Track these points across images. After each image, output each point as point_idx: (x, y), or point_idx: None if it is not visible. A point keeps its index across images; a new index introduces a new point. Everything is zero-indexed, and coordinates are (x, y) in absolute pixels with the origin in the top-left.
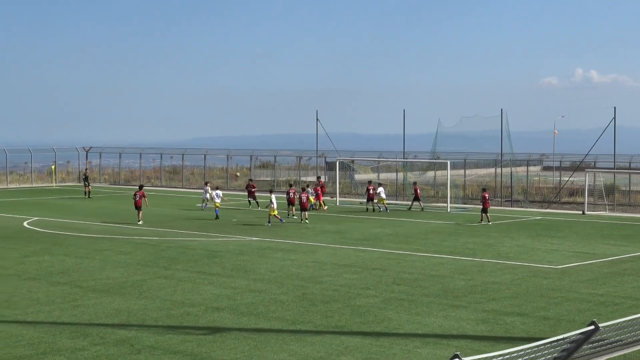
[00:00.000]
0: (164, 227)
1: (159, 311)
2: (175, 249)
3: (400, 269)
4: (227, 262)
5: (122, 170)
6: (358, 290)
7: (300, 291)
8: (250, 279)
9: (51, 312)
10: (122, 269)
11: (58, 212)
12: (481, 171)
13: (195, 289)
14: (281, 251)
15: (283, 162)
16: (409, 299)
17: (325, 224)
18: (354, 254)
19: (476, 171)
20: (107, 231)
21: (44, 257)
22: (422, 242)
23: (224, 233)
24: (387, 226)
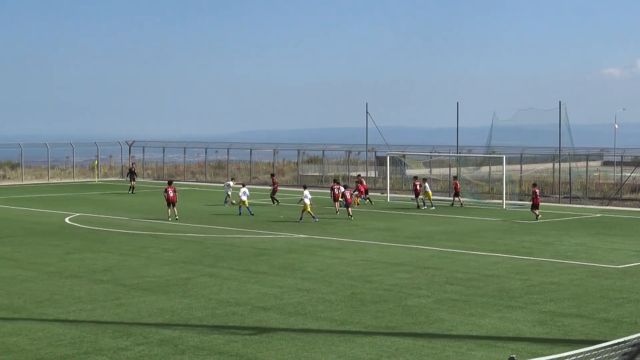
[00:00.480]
0: (209, 224)
1: (204, 310)
2: (220, 247)
3: (453, 268)
4: (274, 260)
5: (165, 165)
6: (410, 290)
7: (350, 290)
8: (297, 278)
9: (93, 311)
10: (166, 267)
11: (100, 208)
12: (538, 166)
13: (241, 287)
14: (330, 249)
15: (332, 157)
16: (462, 300)
17: (375, 221)
18: (406, 252)
19: (533, 166)
20: (151, 228)
21: (86, 254)
22: (476, 240)
23: (271, 230)
24: (440, 223)
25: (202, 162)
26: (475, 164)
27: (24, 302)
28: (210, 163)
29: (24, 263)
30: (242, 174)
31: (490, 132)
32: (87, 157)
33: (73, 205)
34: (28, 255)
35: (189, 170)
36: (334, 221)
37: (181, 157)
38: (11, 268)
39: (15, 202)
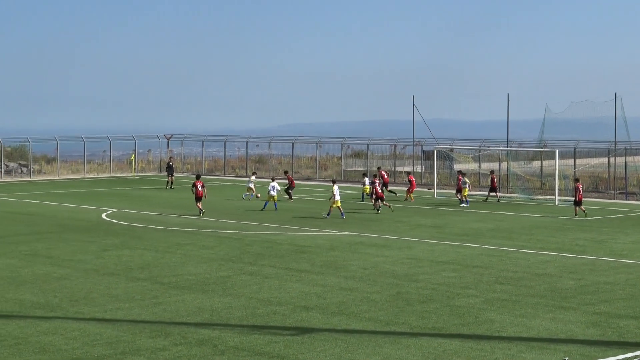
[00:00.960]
0: (249, 220)
1: (244, 310)
2: (260, 244)
3: (503, 267)
4: (316, 258)
5: (205, 159)
6: (457, 289)
7: (395, 290)
8: (340, 276)
9: (131, 310)
10: (204, 265)
11: (138, 204)
12: (593, 161)
13: (283, 286)
14: (374, 247)
15: (376, 151)
16: (512, 300)
17: (421, 218)
18: (453, 250)
19: (587, 161)
20: (189, 224)
21: (123, 252)
22: (526, 238)
23: (313, 227)
24: (489, 220)
25: (242, 156)
26: (526, 159)
27: (59, 300)
28: (251, 157)
29: (60, 260)
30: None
31: (542, 125)
32: (124, 151)
33: (110, 201)
34: (64, 252)
35: (228, 164)
36: (377, 217)
37: (221, 151)
38: (46, 265)
39: (50, 198)
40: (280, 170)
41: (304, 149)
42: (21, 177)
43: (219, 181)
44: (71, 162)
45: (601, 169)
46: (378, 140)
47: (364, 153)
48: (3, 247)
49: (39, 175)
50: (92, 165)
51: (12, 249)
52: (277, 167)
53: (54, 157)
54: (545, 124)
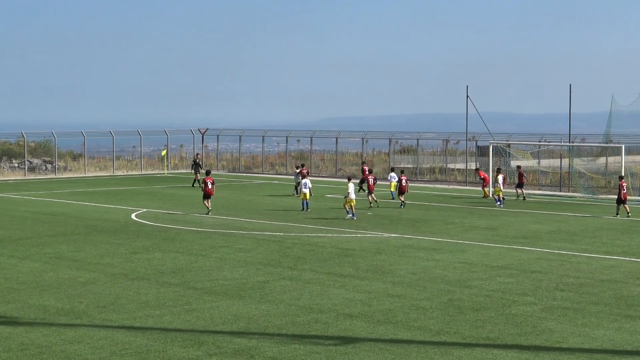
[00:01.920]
0: (289, 221)
1: (283, 317)
2: (301, 247)
3: (563, 272)
4: (361, 262)
5: (242, 155)
6: (514, 296)
7: (446, 297)
8: (388, 282)
9: (162, 317)
10: (241, 269)
11: (170, 203)
12: None
13: (325, 292)
14: (424, 250)
15: (427, 147)
16: (574, 308)
17: (475, 219)
18: (509, 254)
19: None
20: (225, 225)
21: (154, 254)
22: (589, 241)
23: (358, 229)
24: (548, 222)
25: (282, 152)
26: (590, 155)
27: (85, 306)
28: (292, 153)
29: (86, 264)
30: (326, 165)
31: (608, 118)
32: (155, 147)
33: (140, 200)
34: (90, 255)
35: (267, 161)
36: (427, 218)
37: (259, 147)
38: (72, 269)
39: (76, 197)
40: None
41: (348, 145)
42: (46, 174)
43: (257, 179)
44: (99, 158)
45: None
46: (428, 135)
47: (414, 149)
48: (26, 250)
49: (64, 172)
50: (121, 161)
51: (36, 251)
52: (320, 164)
53: (81, 153)
54: (611, 117)
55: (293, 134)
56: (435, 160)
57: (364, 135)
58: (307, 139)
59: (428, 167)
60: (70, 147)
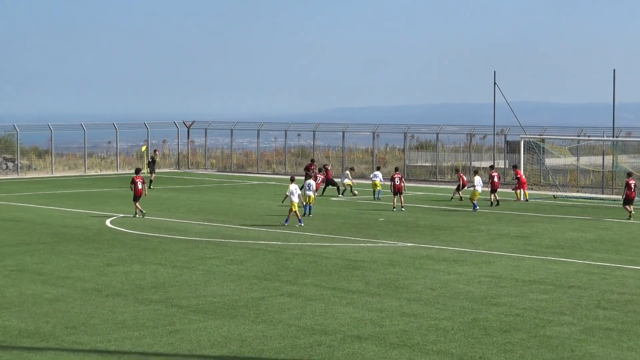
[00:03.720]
0: (288, 229)
1: (282, 340)
2: (302, 258)
3: (606, 288)
4: (371, 275)
5: (234, 151)
6: (549, 315)
7: (470, 316)
8: (402, 299)
9: (140, 339)
10: (233, 284)
11: (150, 208)
12: None
13: (330, 310)
14: (444, 261)
15: (448, 142)
16: (618, 329)
17: (504, 226)
18: (543, 266)
19: None
20: (214, 233)
21: (132, 267)
22: (637, 251)
23: (368, 237)
24: (589, 229)
25: (280, 148)
26: (637, 151)
27: (52, 327)
28: (291, 150)
29: (53, 278)
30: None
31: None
32: (134, 143)
33: (115, 204)
34: (58, 267)
35: (263, 158)
36: (449, 225)
37: (254, 142)
38: (37, 284)
39: (42, 200)
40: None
41: (357, 140)
42: (6, 174)
43: (252, 179)
44: (68, 155)
45: None
46: (450, 128)
47: (433, 144)
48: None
49: (28, 172)
50: (94, 159)
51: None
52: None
53: (47, 149)
54: None
55: (293, 127)
56: (457, 157)
57: (375, 129)
58: (310, 133)
59: (449, 165)
60: (35, 143)
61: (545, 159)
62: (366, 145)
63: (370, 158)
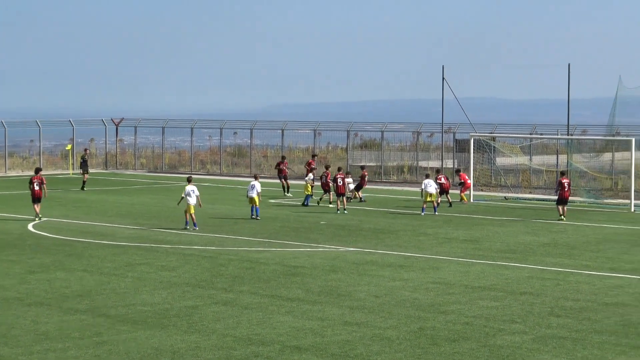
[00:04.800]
0: (223, 233)
1: (216, 351)
2: (239, 264)
3: (560, 294)
4: (312, 282)
5: (165, 151)
6: (499, 323)
7: (417, 324)
8: (345, 307)
9: (65, 351)
10: (164, 292)
11: (76, 211)
12: None
13: (268, 320)
14: (389, 267)
15: (394, 140)
16: (572, 337)
17: (452, 229)
18: (494, 271)
19: None
20: (144, 238)
21: (56, 274)
22: (592, 256)
23: (308, 241)
24: (542, 232)
25: (215, 147)
26: (592, 150)
27: None
28: (227, 149)
29: None
30: (270, 163)
31: (614, 105)
32: (58, 141)
33: None
34: None
35: (197, 158)
36: (394, 229)
37: (187, 141)
38: None
39: None
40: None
41: (297, 138)
42: None
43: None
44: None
45: None
46: (396, 126)
47: (377, 143)
48: None
49: None
50: (14, 159)
51: None
52: (261, 161)
53: None
54: (617, 104)
55: (229, 124)
56: (403, 157)
57: (317, 127)
58: (247, 131)
59: (395, 165)
60: None
61: (496, 159)
62: (307, 143)
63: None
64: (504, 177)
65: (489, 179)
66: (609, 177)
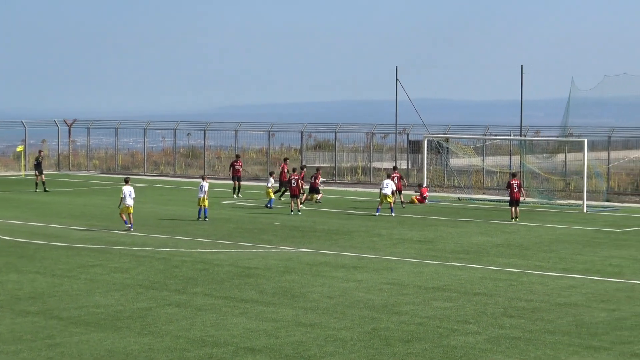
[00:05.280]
0: (177, 234)
1: (170, 353)
2: (192, 265)
3: (513, 295)
4: (266, 283)
5: (119, 152)
6: (453, 324)
7: (370, 325)
8: (298, 308)
9: (17, 354)
10: (117, 293)
11: (28, 212)
12: (633, 153)
13: (221, 321)
14: (343, 268)
15: (348, 141)
16: (525, 338)
17: (406, 230)
18: (447, 272)
19: (625, 153)
20: (97, 239)
21: (8, 276)
22: (544, 256)
23: (262, 242)
24: (495, 233)
25: (168, 148)
26: (545, 151)
27: None
28: (181, 150)
29: None
30: (224, 164)
31: (567, 106)
32: (10, 142)
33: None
34: None
35: (150, 159)
36: (348, 230)
37: (140, 142)
38: None
39: None
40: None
41: (251, 139)
42: None
43: (138, 181)
44: None
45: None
46: (349, 127)
47: (331, 144)
48: None
49: None
50: None
51: None
52: (215, 163)
53: None
54: (570, 105)
55: (182, 125)
56: (357, 158)
57: (270, 127)
58: (200, 132)
59: (349, 166)
60: None
61: (449, 160)
62: (260, 145)
63: (264, 159)
64: (458, 178)
65: (442, 179)
66: (561, 178)
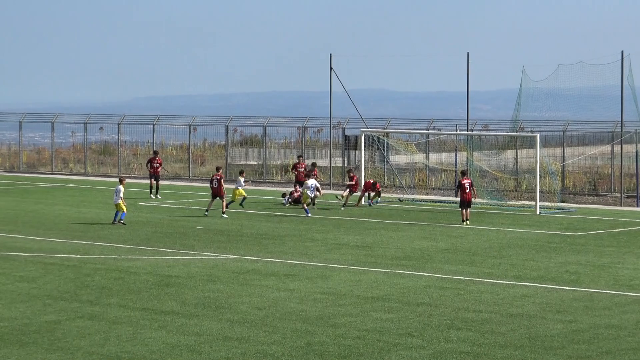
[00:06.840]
0: (89, 239)
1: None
2: (106, 274)
3: (460, 305)
4: (188, 293)
5: (23, 148)
6: (394, 337)
7: (304, 339)
8: (224, 321)
9: None
10: (22, 305)
11: None
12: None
13: (139, 335)
14: (273, 276)
15: (277, 137)
16: (474, 352)
17: (342, 234)
18: (388, 280)
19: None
20: (0, 245)
21: None
22: (494, 262)
23: (184, 248)
24: (440, 237)
25: (79, 144)
26: (494, 147)
27: None
28: (92, 145)
29: None
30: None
31: (517, 98)
32: None
33: None
34: None
35: (59, 156)
36: (279, 234)
37: (47, 137)
38: None
39: None
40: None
41: (170, 134)
42: None
43: (45, 180)
44: None
45: (602, 161)
46: (280, 121)
47: (259, 139)
48: None
49: None
50: None
51: None
52: (131, 160)
53: None
54: (521, 97)
55: (94, 119)
56: (288, 154)
57: (192, 121)
58: (114, 127)
59: (279, 164)
60: None
61: (389, 156)
62: (181, 140)
63: (186, 156)
64: (399, 176)
65: (382, 178)
66: (512, 177)
